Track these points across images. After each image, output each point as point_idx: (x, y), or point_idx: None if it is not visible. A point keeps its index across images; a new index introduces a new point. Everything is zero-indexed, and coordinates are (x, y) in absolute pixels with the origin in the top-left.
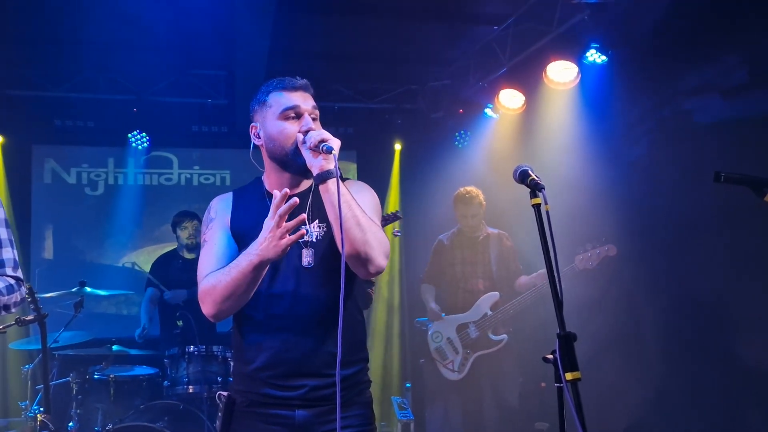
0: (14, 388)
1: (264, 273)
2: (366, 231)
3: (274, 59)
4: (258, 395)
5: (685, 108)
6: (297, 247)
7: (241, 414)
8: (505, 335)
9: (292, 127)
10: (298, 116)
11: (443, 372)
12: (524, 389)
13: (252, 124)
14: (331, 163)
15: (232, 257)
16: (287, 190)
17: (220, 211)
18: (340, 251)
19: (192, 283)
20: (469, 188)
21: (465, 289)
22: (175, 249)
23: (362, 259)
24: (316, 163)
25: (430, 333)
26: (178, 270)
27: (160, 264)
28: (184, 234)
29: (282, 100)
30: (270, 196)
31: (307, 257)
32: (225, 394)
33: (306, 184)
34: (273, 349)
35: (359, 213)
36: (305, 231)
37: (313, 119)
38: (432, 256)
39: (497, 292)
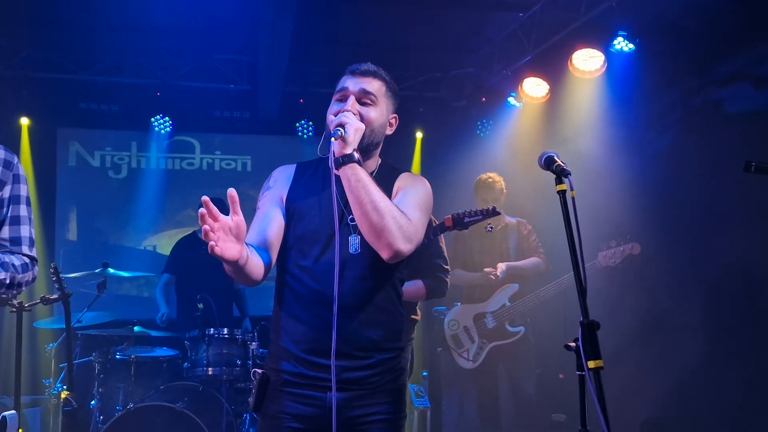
0: (38, 366)
1: (242, 267)
2: (384, 215)
3: (297, 45)
4: (292, 374)
5: (715, 97)
6: (345, 233)
7: (275, 392)
8: (522, 327)
9: (334, 109)
10: (344, 99)
11: (458, 360)
12: (542, 380)
13: None
14: (347, 148)
15: (275, 231)
16: (205, 197)
17: (279, 181)
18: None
19: (213, 267)
20: (491, 174)
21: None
22: (194, 232)
23: (379, 244)
24: (335, 148)
25: (446, 320)
26: (201, 255)
27: (181, 247)
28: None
29: (339, 82)
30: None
31: (353, 244)
32: (260, 371)
33: (370, 166)
34: (312, 325)
35: (378, 198)
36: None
37: (365, 104)
38: (453, 243)
39: (517, 284)
